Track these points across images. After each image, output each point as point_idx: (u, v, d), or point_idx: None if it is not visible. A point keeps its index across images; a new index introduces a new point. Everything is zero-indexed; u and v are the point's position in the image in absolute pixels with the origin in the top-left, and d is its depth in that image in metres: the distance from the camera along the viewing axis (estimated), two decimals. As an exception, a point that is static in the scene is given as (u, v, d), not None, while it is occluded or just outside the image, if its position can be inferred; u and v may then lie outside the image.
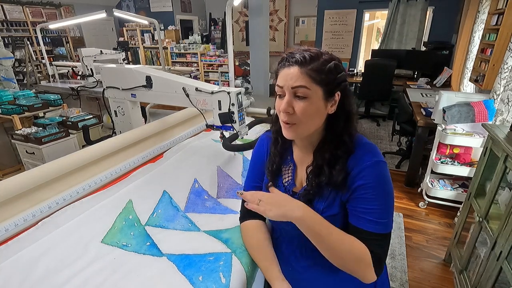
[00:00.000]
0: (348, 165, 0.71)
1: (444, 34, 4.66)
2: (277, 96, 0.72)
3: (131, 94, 1.52)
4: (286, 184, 0.82)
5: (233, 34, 2.66)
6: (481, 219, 1.50)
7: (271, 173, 0.83)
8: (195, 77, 3.94)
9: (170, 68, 4.59)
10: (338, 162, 0.71)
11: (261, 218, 0.86)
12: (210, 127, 1.41)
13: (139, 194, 1.11)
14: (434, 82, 4.02)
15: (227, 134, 1.35)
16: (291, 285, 0.77)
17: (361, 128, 4.54)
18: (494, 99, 2.11)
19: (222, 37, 7.29)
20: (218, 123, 1.34)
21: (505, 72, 1.99)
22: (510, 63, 1.95)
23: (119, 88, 1.54)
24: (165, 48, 6.67)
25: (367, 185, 0.68)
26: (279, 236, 0.85)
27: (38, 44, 4.52)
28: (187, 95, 1.35)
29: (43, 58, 4.16)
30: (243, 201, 0.89)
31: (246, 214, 0.89)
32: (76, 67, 3.95)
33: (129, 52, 7.02)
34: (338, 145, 0.71)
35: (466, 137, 2.15)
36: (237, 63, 5.85)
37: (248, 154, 1.45)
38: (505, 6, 2.07)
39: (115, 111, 1.65)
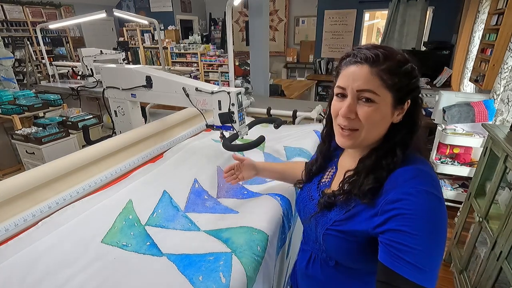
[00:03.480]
0: (386, 183, 0.59)
1: (444, 34, 4.66)
2: (335, 96, 0.63)
3: (131, 94, 1.52)
4: (321, 184, 0.77)
5: (233, 34, 2.66)
6: (481, 219, 1.50)
7: (309, 173, 0.80)
8: (195, 77, 3.94)
9: (170, 68, 4.59)
10: (377, 171, 0.60)
11: None
12: (210, 127, 1.41)
13: (139, 194, 1.11)
14: (434, 82, 4.02)
15: (227, 134, 1.35)
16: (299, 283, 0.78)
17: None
18: (494, 99, 2.11)
19: (222, 37, 7.29)
20: (218, 123, 1.34)
21: (505, 72, 1.99)
22: (510, 63, 1.95)
23: (119, 88, 1.54)
24: (165, 48, 6.67)
25: (406, 216, 0.52)
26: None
27: (38, 44, 4.52)
28: (187, 95, 1.35)
29: (43, 58, 4.16)
30: None
31: None
32: (76, 67, 3.95)
33: (129, 52, 7.02)
34: (386, 155, 0.61)
35: (466, 137, 2.15)
36: (237, 63, 5.84)
37: (248, 154, 1.45)
38: (505, 6, 2.08)
39: (115, 111, 1.65)
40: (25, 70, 5.34)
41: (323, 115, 1.97)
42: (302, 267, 0.81)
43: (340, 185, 0.67)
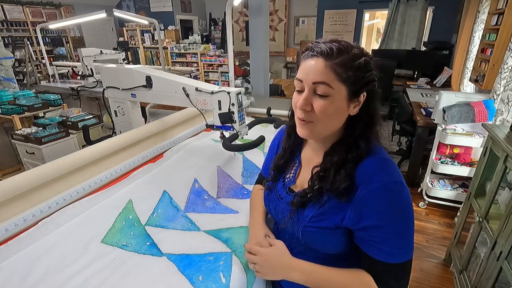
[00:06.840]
0: (355, 177, 0.63)
1: (444, 34, 4.66)
2: (296, 90, 0.65)
3: (131, 94, 1.52)
4: (287, 181, 0.79)
5: (233, 34, 2.66)
6: (481, 219, 1.50)
7: (277, 167, 0.81)
8: (195, 77, 3.94)
9: (170, 68, 4.59)
10: (345, 166, 0.63)
11: None
12: (210, 127, 1.41)
13: (139, 194, 1.11)
14: (434, 82, 4.02)
15: (227, 134, 1.35)
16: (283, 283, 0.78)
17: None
18: (494, 99, 2.11)
19: (222, 37, 7.29)
20: (218, 123, 1.34)
21: (505, 72, 1.99)
22: (510, 63, 1.95)
23: (119, 88, 1.54)
24: (165, 48, 6.66)
25: (382, 212, 0.59)
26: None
27: (38, 44, 4.53)
28: (187, 95, 1.35)
29: (43, 58, 4.17)
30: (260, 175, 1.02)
31: (258, 179, 1.02)
32: (76, 67, 3.95)
33: (129, 52, 7.02)
34: (350, 148, 0.64)
35: (466, 137, 2.15)
36: (237, 63, 5.85)
37: (248, 154, 1.45)
38: (505, 6, 2.07)
39: (115, 111, 1.65)
40: (25, 70, 5.34)
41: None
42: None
43: (309, 182, 0.69)
